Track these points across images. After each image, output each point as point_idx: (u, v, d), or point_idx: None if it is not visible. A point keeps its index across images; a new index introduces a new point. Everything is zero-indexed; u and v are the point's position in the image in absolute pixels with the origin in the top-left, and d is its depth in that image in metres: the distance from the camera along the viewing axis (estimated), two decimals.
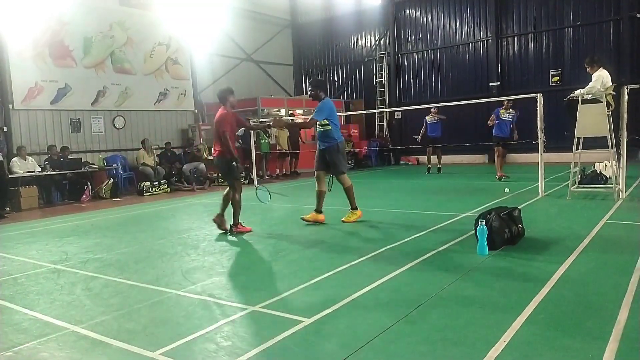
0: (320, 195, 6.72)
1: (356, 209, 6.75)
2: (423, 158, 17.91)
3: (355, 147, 17.54)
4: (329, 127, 6.54)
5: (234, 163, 6.17)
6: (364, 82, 19.93)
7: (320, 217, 6.71)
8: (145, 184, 12.10)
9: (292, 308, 3.42)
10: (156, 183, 12.24)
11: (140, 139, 14.05)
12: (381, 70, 19.08)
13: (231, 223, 6.30)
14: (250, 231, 6.30)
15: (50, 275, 4.73)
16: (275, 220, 7.42)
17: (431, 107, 12.88)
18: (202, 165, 13.62)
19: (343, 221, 6.62)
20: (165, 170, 13.13)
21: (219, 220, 6.40)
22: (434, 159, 13.39)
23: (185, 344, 2.94)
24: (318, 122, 6.57)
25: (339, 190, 6.79)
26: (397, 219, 6.88)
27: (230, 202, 6.30)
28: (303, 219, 6.71)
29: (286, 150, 15.27)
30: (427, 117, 13.09)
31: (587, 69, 7.72)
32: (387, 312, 3.24)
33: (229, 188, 6.39)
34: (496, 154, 10.97)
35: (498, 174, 10.83)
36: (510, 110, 10.90)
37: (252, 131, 12.20)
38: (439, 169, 13.33)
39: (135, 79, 14.44)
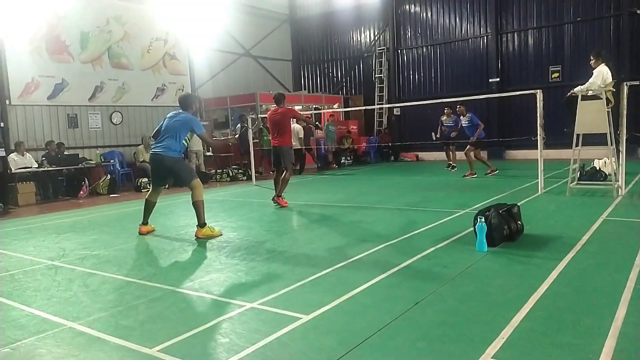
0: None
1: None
2: (422, 155, 17.97)
3: (354, 143, 17.51)
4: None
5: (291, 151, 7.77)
6: (363, 77, 19.87)
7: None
8: (143, 180, 12.06)
9: (290, 305, 3.41)
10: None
11: (137, 135, 14.01)
12: (380, 65, 19.03)
13: (275, 195, 7.75)
14: (286, 206, 7.59)
15: (48, 272, 4.71)
16: (273, 216, 7.41)
17: (444, 109, 12.76)
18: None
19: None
20: None
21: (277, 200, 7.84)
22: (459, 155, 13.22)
23: (183, 340, 2.92)
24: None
25: (337, 187, 6.77)
26: (396, 216, 6.87)
27: (281, 182, 7.78)
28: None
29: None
30: (442, 117, 12.93)
31: (591, 62, 7.70)
32: (385, 309, 3.24)
33: (277, 173, 7.98)
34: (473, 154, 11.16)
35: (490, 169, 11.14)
36: (452, 116, 11.89)
37: (253, 129, 12.67)
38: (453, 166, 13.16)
39: (132, 74, 14.38)
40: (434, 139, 13.02)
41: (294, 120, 9.11)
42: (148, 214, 6.38)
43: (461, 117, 11.52)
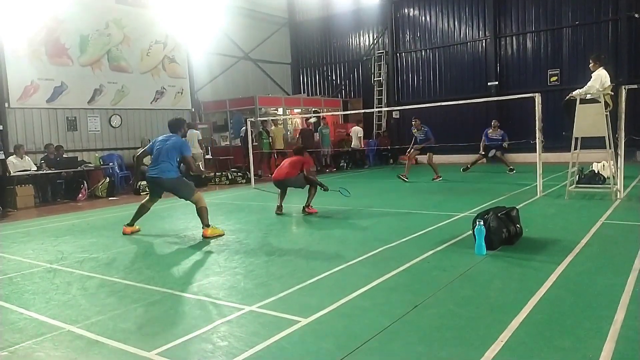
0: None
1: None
2: (421, 158, 17.96)
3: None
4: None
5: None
6: (362, 81, 19.90)
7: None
8: (142, 183, 12.03)
9: (289, 308, 3.41)
10: None
11: (136, 138, 14.02)
12: (379, 69, 19.06)
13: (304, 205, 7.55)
14: (315, 212, 7.47)
15: (46, 275, 4.70)
16: (272, 219, 7.40)
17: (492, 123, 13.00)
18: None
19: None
20: None
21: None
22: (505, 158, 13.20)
23: (181, 344, 2.92)
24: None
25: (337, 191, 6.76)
26: (395, 219, 6.86)
27: (308, 194, 7.65)
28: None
29: (281, 149, 15.22)
30: (488, 131, 13.03)
31: (590, 65, 7.72)
32: (384, 312, 3.23)
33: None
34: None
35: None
36: (423, 128, 11.91)
37: (251, 131, 12.51)
38: (511, 169, 12.78)
39: (131, 78, 14.39)
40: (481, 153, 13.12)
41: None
42: (138, 217, 6.69)
43: (416, 130, 11.97)
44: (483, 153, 12.95)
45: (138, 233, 6.61)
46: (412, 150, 12.10)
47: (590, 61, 7.77)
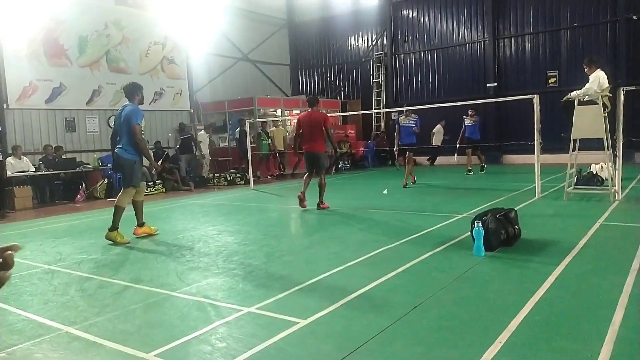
0: None
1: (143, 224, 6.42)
2: (420, 159, 17.96)
3: (351, 147, 17.52)
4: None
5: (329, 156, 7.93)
6: (361, 82, 19.92)
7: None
8: (141, 184, 12.02)
9: (288, 309, 3.40)
10: (151, 183, 12.19)
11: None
12: (378, 70, 19.08)
13: (318, 201, 7.78)
14: (327, 208, 7.69)
15: (44, 276, 4.69)
16: (271, 221, 7.40)
17: (468, 110, 12.86)
18: (200, 160, 13.61)
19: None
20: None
21: (301, 197, 7.84)
22: (474, 159, 13.12)
23: (180, 345, 2.92)
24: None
25: (334, 191, 6.78)
26: (393, 220, 6.87)
27: (319, 189, 7.84)
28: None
29: (281, 150, 15.24)
30: (465, 120, 13.02)
31: (585, 69, 7.74)
32: (383, 314, 3.23)
33: (308, 175, 8.00)
34: (406, 161, 10.63)
35: (405, 181, 10.55)
36: (412, 115, 10.92)
37: (250, 133, 12.62)
38: (482, 168, 13.08)
39: (130, 78, 14.23)
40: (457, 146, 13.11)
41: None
42: (139, 214, 6.43)
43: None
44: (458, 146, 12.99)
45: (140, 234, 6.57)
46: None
47: (585, 66, 7.79)
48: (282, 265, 4.70)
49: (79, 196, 11.38)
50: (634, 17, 14.37)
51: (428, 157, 16.24)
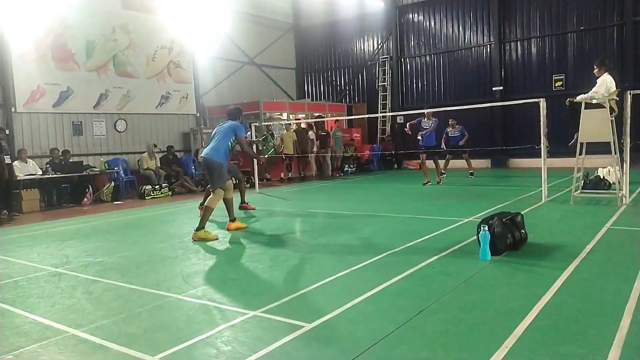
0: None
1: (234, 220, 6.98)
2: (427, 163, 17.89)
3: (357, 151, 17.52)
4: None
5: None
6: (367, 86, 19.93)
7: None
8: (147, 188, 12.10)
9: (293, 313, 3.40)
10: (157, 187, 12.25)
11: (142, 142, 14.08)
12: (384, 74, 19.09)
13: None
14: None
15: (51, 279, 4.72)
16: (277, 224, 7.41)
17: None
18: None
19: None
20: (165, 172, 13.16)
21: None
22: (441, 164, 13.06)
23: (185, 348, 2.92)
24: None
25: (339, 195, 6.77)
26: (399, 224, 6.86)
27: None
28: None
29: (292, 154, 15.22)
30: (448, 130, 13.05)
31: (595, 70, 7.69)
32: (388, 318, 3.22)
33: None
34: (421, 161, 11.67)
35: (439, 178, 11.59)
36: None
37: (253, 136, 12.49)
38: (471, 174, 12.99)
39: (137, 82, 14.47)
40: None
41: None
42: (230, 210, 6.97)
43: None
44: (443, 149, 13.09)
45: (143, 237, 6.62)
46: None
47: (595, 66, 7.74)
48: (288, 269, 4.70)
49: (85, 199, 11.44)
50: None
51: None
